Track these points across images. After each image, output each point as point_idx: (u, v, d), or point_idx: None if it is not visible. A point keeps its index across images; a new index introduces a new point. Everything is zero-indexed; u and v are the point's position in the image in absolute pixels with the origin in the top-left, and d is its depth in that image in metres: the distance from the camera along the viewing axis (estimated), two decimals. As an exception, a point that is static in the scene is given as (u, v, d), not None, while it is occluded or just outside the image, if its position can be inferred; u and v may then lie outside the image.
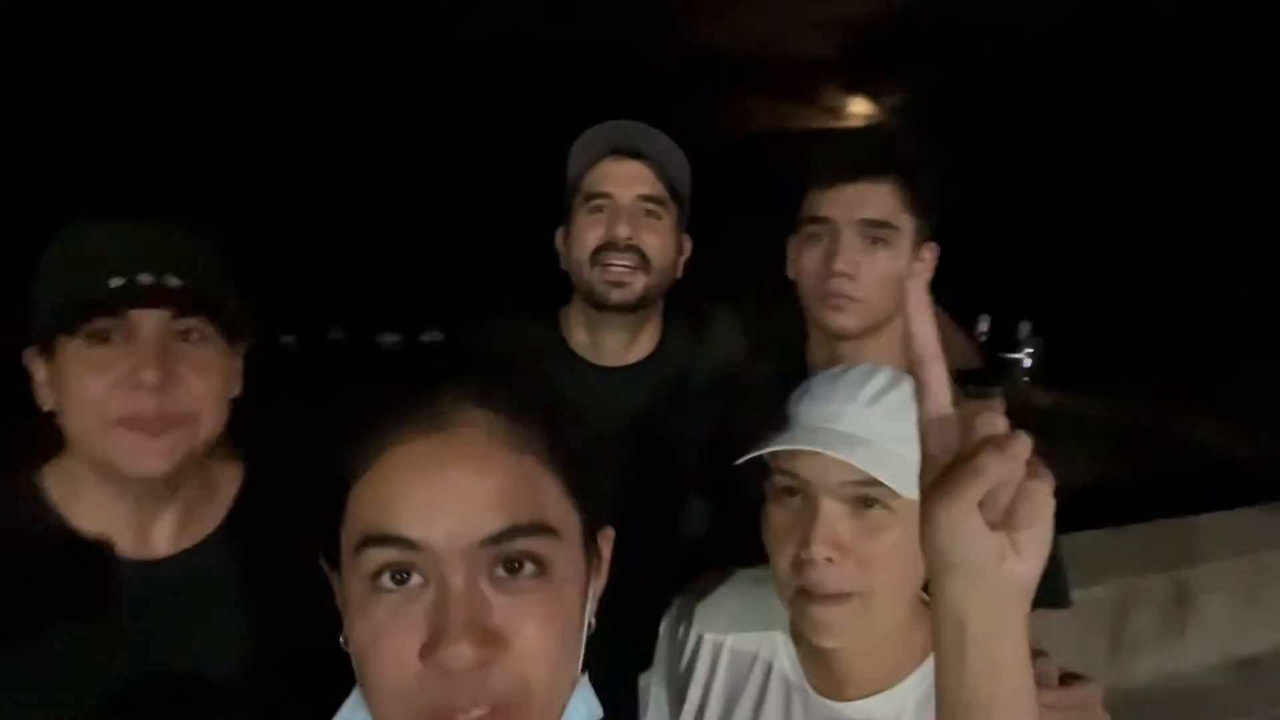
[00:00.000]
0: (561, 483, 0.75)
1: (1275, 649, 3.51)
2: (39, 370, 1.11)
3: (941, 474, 0.70)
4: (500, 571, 0.70)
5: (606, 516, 0.83)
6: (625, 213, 1.65)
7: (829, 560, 1.03)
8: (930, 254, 1.61)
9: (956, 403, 0.78)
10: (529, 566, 0.71)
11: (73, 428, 1.09)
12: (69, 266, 1.09)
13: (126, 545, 1.14)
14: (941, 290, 1.79)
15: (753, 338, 1.83)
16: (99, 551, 1.12)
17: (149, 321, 1.07)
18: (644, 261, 1.66)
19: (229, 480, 1.23)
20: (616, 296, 1.66)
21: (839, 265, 1.52)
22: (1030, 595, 0.71)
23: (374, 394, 0.78)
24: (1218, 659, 3.53)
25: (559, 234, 1.77)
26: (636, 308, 1.69)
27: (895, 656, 1.11)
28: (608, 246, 1.65)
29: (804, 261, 1.59)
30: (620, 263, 1.65)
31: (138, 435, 1.06)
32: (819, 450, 1.03)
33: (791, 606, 1.09)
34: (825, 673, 1.14)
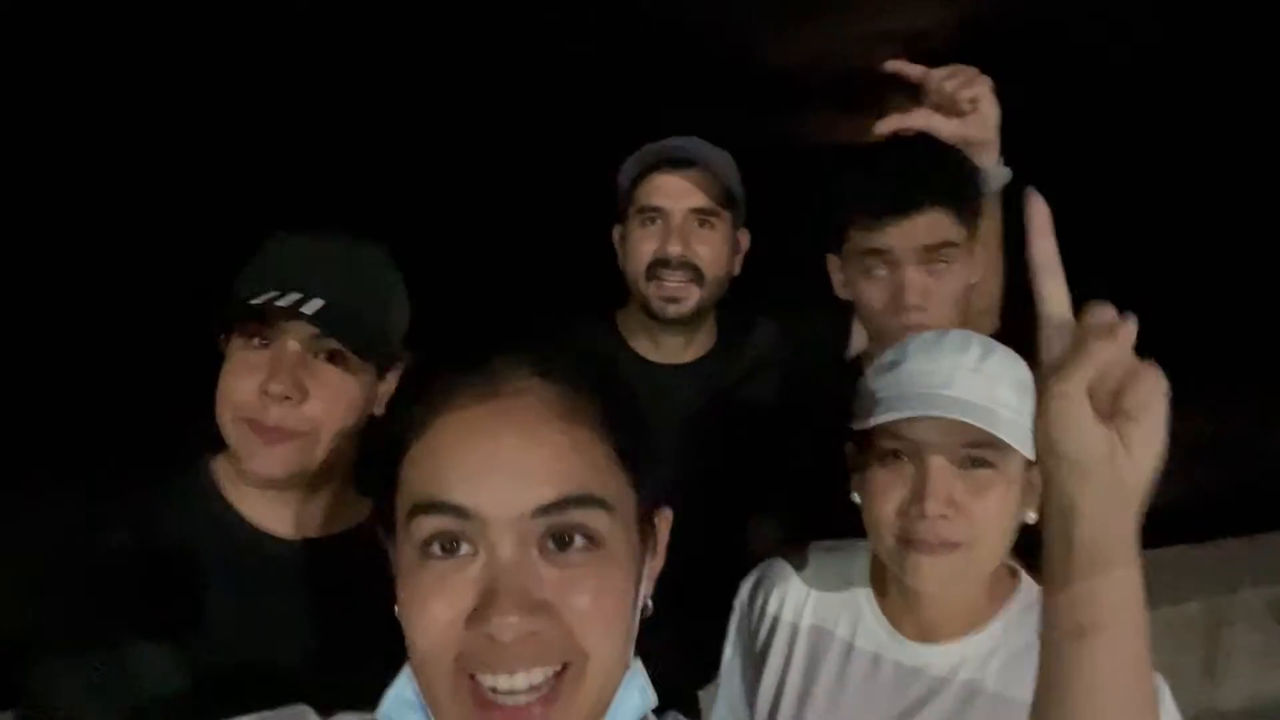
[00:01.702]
0: (616, 457, 0.74)
1: None
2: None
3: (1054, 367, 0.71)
4: (550, 545, 0.69)
5: (665, 499, 0.81)
6: (677, 229, 1.69)
7: (943, 517, 1.09)
8: (979, 249, 1.59)
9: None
10: (579, 540, 0.70)
11: (217, 414, 1.17)
12: (246, 274, 1.18)
13: (282, 528, 1.22)
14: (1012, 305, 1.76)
15: (797, 334, 1.84)
16: (254, 530, 1.21)
17: (294, 336, 1.14)
18: (697, 275, 1.70)
19: None
20: (672, 311, 1.71)
21: (910, 299, 1.50)
22: (1140, 500, 0.71)
23: (433, 360, 0.77)
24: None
25: (615, 232, 1.81)
26: (691, 319, 1.74)
27: (981, 603, 1.17)
28: (661, 263, 1.69)
29: (867, 295, 1.56)
30: (674, 279, 1.69)
31: (256, 439, 1.14)
32: (951, 417, 1.08)
33: (894, 555, 1.14)
34: (912, 622, 1.20)
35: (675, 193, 1.69)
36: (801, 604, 1.30)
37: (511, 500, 0.68)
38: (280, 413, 1.13)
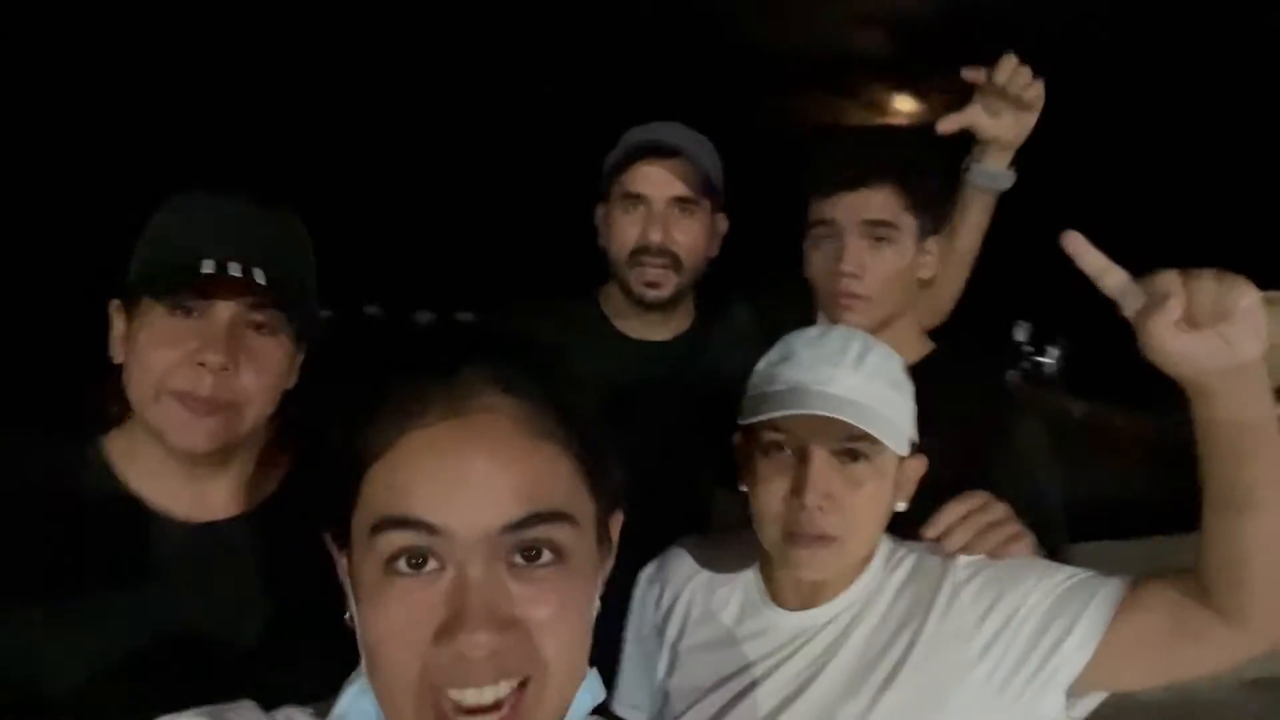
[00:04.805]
0: (579, 469, 0.74)
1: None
2: (119, 323, 1.16)
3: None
4: (518, 559, 0.70)
5: (619, 502, 0.83)
6: (659, 216, 1.77)
7: (820, 508, 1.15)
8: (935, 247, 1.67)
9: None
10: (547, 554, 0.70)
11: (131, 387, 1.13)
12: (169, 237, 1.14)
13: (181, 509, 1.18)
14: (980, 297, 1.81)
15: (769, 316, 1.90)
16: (151, 513, 1.17)
17: (228, 308, 1.11)
18: (676, 262, 1.79)
19: (285, 455, 1.28)
20: (652, 296, 1.80)
21: (845, 266, 1.59)
22: (1260, 374, 0.93)
23: (393, 372, 0.75)
24: (1232, 677, 3.48)
25: (598, 211, 1.88)
26: (670, 303, 1.83)
27: (852, 568, 1.27)
28: (642, 249, 1.78)
29: (814, 265, 1.67)
30: (655, 264, 1.78)
31: (186, 413, 1.10)
32: (828, 415, 1.14)
33: (777, 546, 1.21)
34: (794, 596, 1.28)
35: (658, 181, 1.76)
36: (695, 586, 1.37)
37: (480, 518, 0.68)
38: (215, 384, 1.10)
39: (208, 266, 1.08)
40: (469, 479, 0.68)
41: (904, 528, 1.29)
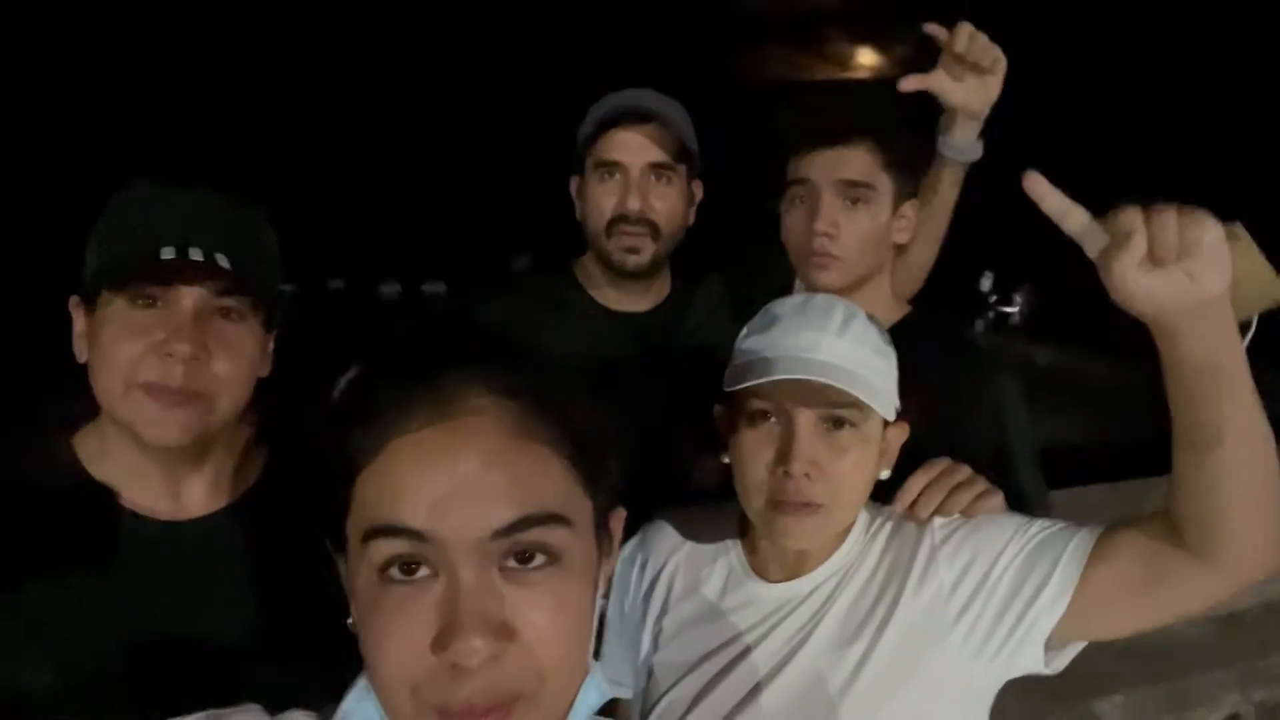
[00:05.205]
0: (573, 469, 0.73)
1: (1258, 605, 3.56)
2: (79, 320, 1.13)
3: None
4: (511, 562, 0.69)
5: (619, 498, 0.81)
6: (636, 184, 1.74)
7: (806, 475, 1.15)
8: (911, 211, 1.66)
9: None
10: (540, 557, 0.69)
11: (98, 383, 1.11)
12: (126, 227, 1.10)
13: (158, 506, 1.16)
14: (945, 248, 1.82)
15: (741, 293, 1.89)
16: (128, 511, 1.15)
17: (192, 295, 1.09)
18: (654, 229, 1.76)
19: (262, 448, 1.26)
20: (632, 263, 1.77)
21: (819, 225, 1.58)
22: (1224, 309, 0.92)
23: (380, 373, 0.74)
24: (1201, 613, 3.55)
25: (573, 183, 1.85)
26: (648, 270, 1.81)
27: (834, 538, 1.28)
28: (621, 218, 1.75)
29: (788, 224, 1.66)
30: (633, 232, 1.75)
31: (157, 405, 1.08)
32: (819, 380, 1.13)
33: (762, 516, 1.22)
34: (777, 569, 1.29)
35: (634, 148, 1.73)
36: (678, 560, 1.37)
37: (470, 523, 0.67)
38: (185, 374, 1.08)
39: (167, 253, 1.06)
40: (457, 484, 0.68)
41: (877, 491, 1.29)
